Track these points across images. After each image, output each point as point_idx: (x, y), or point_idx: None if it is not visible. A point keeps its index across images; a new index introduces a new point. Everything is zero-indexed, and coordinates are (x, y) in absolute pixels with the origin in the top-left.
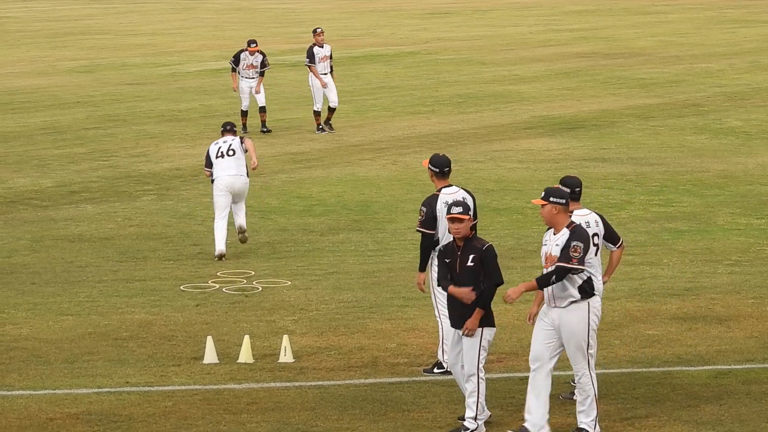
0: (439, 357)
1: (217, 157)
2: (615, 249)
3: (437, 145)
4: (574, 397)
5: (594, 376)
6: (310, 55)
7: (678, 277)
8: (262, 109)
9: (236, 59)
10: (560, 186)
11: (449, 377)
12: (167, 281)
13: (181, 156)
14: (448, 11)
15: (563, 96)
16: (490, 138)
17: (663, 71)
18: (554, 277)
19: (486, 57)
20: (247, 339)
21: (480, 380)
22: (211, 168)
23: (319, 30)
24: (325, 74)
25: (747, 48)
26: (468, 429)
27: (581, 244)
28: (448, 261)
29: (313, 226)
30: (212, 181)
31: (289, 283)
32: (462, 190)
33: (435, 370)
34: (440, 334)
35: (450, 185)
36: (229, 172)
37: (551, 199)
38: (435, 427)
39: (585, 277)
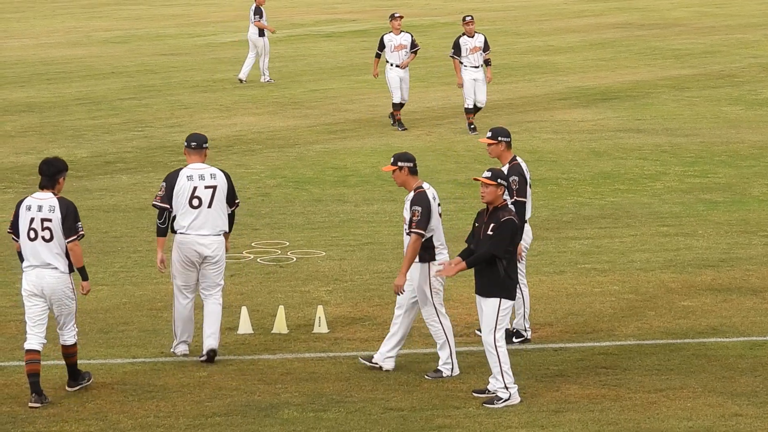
0: (518, 324)
1: None
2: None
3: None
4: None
5: None
6: (456, 47)
7: (713, 249)
8: (401, 106)
9: (381, 44)
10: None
11: (481, 348)
12: None
13: (216, 126)
14: None
15: (598, 67)
16: (524, 109)
17: (698, 42)
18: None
19: (521, 27)
20: (281, 309)
21: (498, 348)
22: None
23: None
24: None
25: None
26: (501, 398)
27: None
28: (476, 225)
29: (347, 196)
30: None
31: (324, 253)
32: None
33: (514, 340)
34: (523, 302)
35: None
36: None
37: (399, 164)
38: (469, 398)
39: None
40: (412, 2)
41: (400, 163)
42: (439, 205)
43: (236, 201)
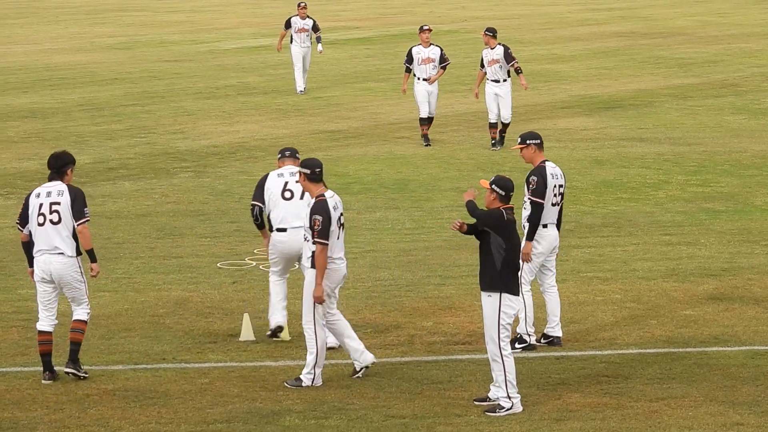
0: (521, 330)
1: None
2: None
3: (474, 123)
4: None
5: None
6: (481, 59)
7: (715, 258)
8: (429, 121)
9: (409, 57)
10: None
11: (483, 356)
12: (204, 258)
13: (219, 133)
14: None
15: (601, 75)
16: (527, 117)
17: (701, 51)
18: None
19: (524, 36)
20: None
21: (504, 358)
22: None
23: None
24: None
25: None
26: (503, 407)
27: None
28: None
29: (350, 204)
30: None
31: None
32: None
33: (516, 346)
34: (524, 308)
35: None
36: None
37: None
38: (471, 405)
39: None
40: (416, 10)
41: (300, 168)
42: (341, 215)
43: None
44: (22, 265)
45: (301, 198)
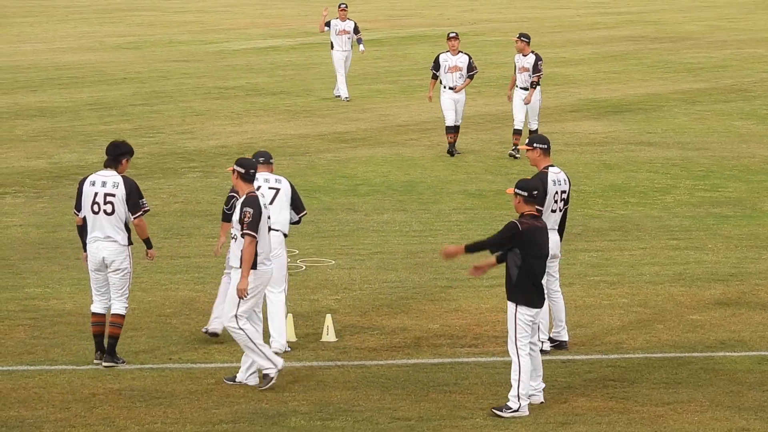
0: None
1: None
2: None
3: (483, 126)
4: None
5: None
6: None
7: (722, 263)
8: (455, 129)
9: (436, 64)
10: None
11: (490, 359)
12: (211, 258)
13: (227, 134)
14: None
15: (610, 79)
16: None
17: (710, 56)
18: None
19: (533, 39)
20: (290, 317)
21: (520, 357)
22: None
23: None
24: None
25: None
26: (510, 408)
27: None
28: None
29: (357, 205)
30: None
31: (333, 262)
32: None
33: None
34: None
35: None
36: None
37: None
38: (477, 408)
39: None
40: (425, 12)
41: (235, 167)
42: (269, 217)
43: (303, 211)
44: (29, 263)
45: (271, 203)
